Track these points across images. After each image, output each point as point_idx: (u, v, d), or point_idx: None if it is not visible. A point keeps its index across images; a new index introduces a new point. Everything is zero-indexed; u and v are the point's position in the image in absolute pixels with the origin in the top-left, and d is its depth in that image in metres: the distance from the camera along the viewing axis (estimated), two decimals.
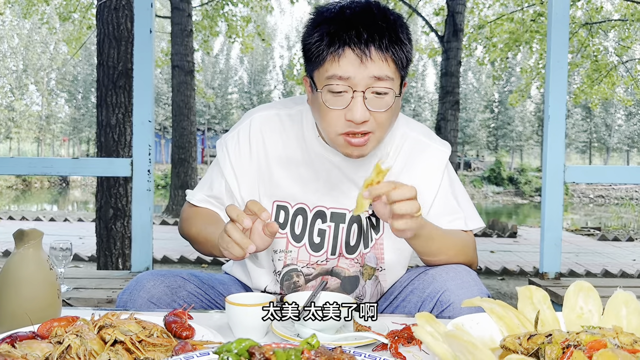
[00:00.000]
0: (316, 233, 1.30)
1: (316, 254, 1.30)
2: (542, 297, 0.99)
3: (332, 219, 1.30)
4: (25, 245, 1.01)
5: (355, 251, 1.31)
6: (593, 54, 11.18)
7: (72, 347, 0.78)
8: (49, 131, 38.63)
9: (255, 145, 1.32)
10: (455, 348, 0.65)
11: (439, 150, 1.35)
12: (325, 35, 1.12)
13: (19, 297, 0.98)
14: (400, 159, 1.33)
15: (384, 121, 1.17)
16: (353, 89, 1.12)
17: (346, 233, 1.30)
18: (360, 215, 1.30)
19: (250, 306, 0.99)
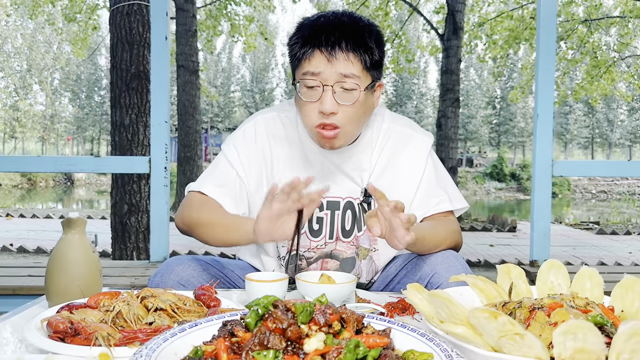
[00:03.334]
0: (315, 221, 1.46)
1: (316, 239, 1.46)
2: (519, 273, 1.14)
3: (328, 207, 1.46)
4: (72, 231, 1.17)
5: (351, 234, 1.47)
6: (593, 50, 11.30)
7: (122, 312, 0.95)
8: (53, 130, 38.85)
9: (260, 143, 1.48)
10: (436, 305, 0.81)
11: (421, 140, 1.50)
12: (301, 39, 1.32)
13: (67, 275, 1.14)
14: (385, 152, 1.48)
15: (352, 115, 1.33)
16: (323, 84, 1.30)
17: (341, 219, 1.46)
18: (352, 202, 1.46)
19: (268, 282, 1.15)
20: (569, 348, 0.71)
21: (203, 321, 0.85)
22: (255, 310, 0.74)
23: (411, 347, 0.76)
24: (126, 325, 0.92)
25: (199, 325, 0.84)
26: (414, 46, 13.38)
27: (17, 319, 1.09)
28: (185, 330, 0.81)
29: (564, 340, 0.71)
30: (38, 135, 38.25)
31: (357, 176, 1.47)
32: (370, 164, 1.48)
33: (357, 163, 1.46)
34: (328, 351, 0.67)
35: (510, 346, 0.73)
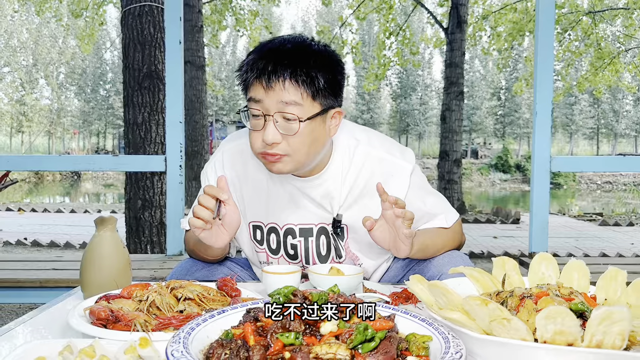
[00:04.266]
0: (289, 247, 1.50)
1: (294, 261, 1.51)
2: (512, 265, 1.25)
3: (301, 234, 1.47)
4: (104, 228, 1.29)
5: (327, 260, 1.50)
6: (597, 42, 11.32)
7: (156, 301, 1.06)
8: (59, 124, 39.07)
9: (229, 174, 1.50)
10: (435, 294, 0.92)
11: (400, 165, 1.45)
12: (245, 65, 1.31)
13: (101, 269, 1.26)
14: (360, 180, 1.44)
15: (297, 145, 1.30)
16: (265, 114, 1.28)
17: (315, 245, 1.49)
18: (326, 228, 1.48)
19: (283, 274, 1.26)
20: (549, 330, 0.82)
21: (229, 309, 0.96)
22: (278, 298, 0.85)
23: (413, 330, 0.87)
24: (159, 313, 1.03)
25: (226, 312, 0.95)
26: (418, 39, 13.43)
27: (57, 309, 1.20)
28: (214, 316, 0.92)
29: (545, 324, 0.81)
30: (45, 129, 38.49)
31: (327, 204, 1.46)
32: (340, 194, 1.45)
33: (325, 192, 1.45)
34: (341, 333, 0.78)
35: (499, 329, 0.84)
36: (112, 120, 40.22)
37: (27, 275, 2.26)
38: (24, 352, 0.84)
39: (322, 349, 0.73)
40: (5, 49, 33.69)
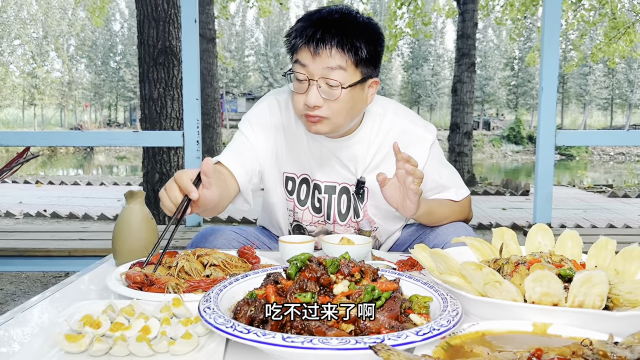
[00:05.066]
0: (316, 201, 1.62)
1: (317, 215, 1.63)
2: (511, 235, 1.34)
3: (326, 190, 1.61)
4: (134, 201, 1.39)
5: (346, 218, 1.62)
6: (611, 12, 11.13)
7: (185, 267, 1.17)
8: (71, 97, 39.24)
9: (271, 124, 1.61)
10: (435, 260, 1.03)
11: (422, 136, 1.57)
12: (294, 32, 1.40)
13: (131, 239, 1.37)
14: (384, 147, 1.56)
15: (337, 110, 1.40)
16: (309, 78, 1.38)
17: (337, 202, 1.61)
18: (348, 188, 1.60)
19: (298, 243, 1.37)
20: (537, 292, 0.92)
21: (251, 274, 1.07)
22: (295, 264, 0.95)
23: (415, 292, 0.98)
24: (188, 277, 1.14)
25: (249, 276, 1.06)
26: (429, 8, 13.26)
27: (93, 275, 1.33)
28: (238, 280, 1.03)
29: (533, 286, 0.91)
30: (56, 102, 38.71)
31: (352, 166, 1.57)
32: (366, 158, 1.56)
33: (352, 155, 1.56)
34: (351, 294, 0.88)
35: (492, 291, 0.94)
36: (123, 92, 40.32)
37: (56, 245, 2.40)
38: (73, 311, 0.96)
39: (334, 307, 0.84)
40: (15, 21, 33.68)
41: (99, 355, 0.82)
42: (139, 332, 0.88)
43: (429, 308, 0.92)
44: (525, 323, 0.88)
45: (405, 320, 0.87)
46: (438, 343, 0.80)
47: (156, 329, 0.90)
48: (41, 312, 1.05)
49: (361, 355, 0.75)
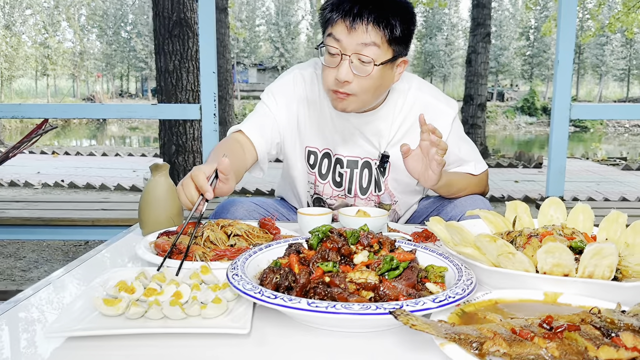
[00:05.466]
0: (337, 175, 1.66)
1: (337, 189, 1.67)
2: (524, 208, 1.38)
3: (348, 165, 1.64)
4: (159, 174, 1.45)
5: (367, 192, 1.66)
6: None
7: (210, 236, 1.23)
8: (83, 67, 39.27)
9: (295, 97, 1.64)
10: (451, 232, 1.07)
11: (444, 111, 1.60)
12: (330, 5, 1.41)
13: (157, 210, 1.43)
14: (407, 121, 1.59)
15: (366, 87, 1.42)
16: (342, 53, 1.39)
17: (359, 177, 1.64)
18: (370, 162, 1.63)
19: (316, 215, 1.42)
20: (548, 263, 0.96)
21: (274, 244, 1.12)
22: (317, 235, 1.00)
23: (431, 262, 1.02)
24: (213, 246, 1.20)
25: (271, 246, 1.11)
26: None
27: (121, 243, 1.39)
28: (262, 249, 1.09)
29: (545, 258, 0.96)
30: (69, 72, 38.78)
31: (375, 141, 1.60)
32: (390, 132, 1.59)
33: (376, 129, 1.59)
34: (370, 263, 0.93)
35: (505, 262, 0.99)
36: (134, 63, 40.24)
37: (79, 215, 2.48)
38: (108, 277, 1.02)
39: (355, 275, 0.89)
40: None
41: (135, 318, 0.87)
42: (171, 297, 0.94)
43: (444, 277, 0.97)
44: (537, 292, 0.93)
45: (421, 288, 0.92)
46: (453, 310, 0.85)
47: (187, 294, 0.95)
48: (76, 278, 1.12)
49: (381, 320, 0.80)
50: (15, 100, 29.53)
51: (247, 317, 0.85)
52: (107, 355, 0.76)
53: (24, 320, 0.90)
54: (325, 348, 0.79)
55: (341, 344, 0.80)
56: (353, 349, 0.79)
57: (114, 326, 0.83)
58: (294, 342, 0.81)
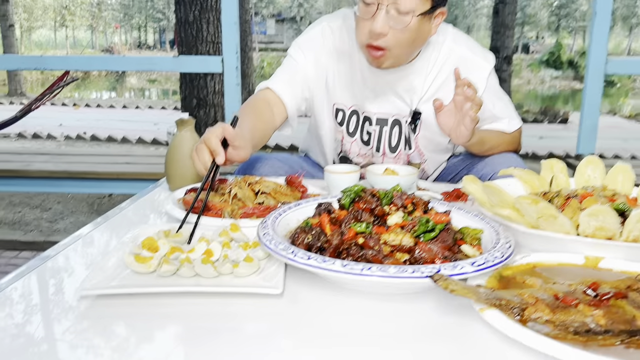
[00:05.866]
0: (365, 133, 1.61)
1: (365, 147, 1.63)
2: (560, 167, 1.33)
3: (377, 123, 1.59)
4: (184, 129, 1.42)
5: (396, 151, 1.61)
6: None
7: (238, 194, 1.21)
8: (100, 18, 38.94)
9: (324, 50, 1.58)
10: (488, 193, 1.03)
11: (480, 65, 1.53)
12: None
13: (184, 165, 1.41)
14: (442, 75, 1.52)
15: (402, 40, 1.37)
16: (378, 2, 1.32)
17: (388, 135, 1.59)
18: (400, 120, 1.58)
19: (344, 173, 1.38)
20: (591, 226, 0.92)
21: (303, 202, 1.10)
22: (349, 195, 0.97)
23: (466, 224, 0.99)
24: (241, 204, 1.18)
25: (301, 205, 1.09)
26: None
27: (149, 199, 1.38)
28: (291, 208, 1.06)
29: (588, 221, 0.92)
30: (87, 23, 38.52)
31: (407, 97, 1.54)
32: (423, 88, 1.52)
33: (409, 85, 1.53)
34: (405, 225, 0.91)
35: (546, 225, 0.95)
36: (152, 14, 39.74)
37: (104, 168, 2.49)
38: (137, 233, 1.02)
39: (389, 237, 0.86)
40: None
41: (167, 276, 0.87)
42: (202, 255, 0.93)
43: (481, 240, 0.94)
44: (577, 256, 0.90)
45: (457, 251, 0.89)
46: (491, 274, 0.83)
47: (218, 252, 0.94)
48: (106, 234, 1.11)
49: (418, 284, 0.78)
50: (35, 52, 29.53)
51: (279, 277, 0.84)
52: (139, 313, 0.76)
53: (54, 277, 0.90)
54: (358, 310, 0.78)
55: (374, 307, 0.79)
56: (387, 311, 0.78)
57: (147, 284, 0.83)
58: (326, 302, 0.80)
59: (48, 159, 2.76)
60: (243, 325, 0.74)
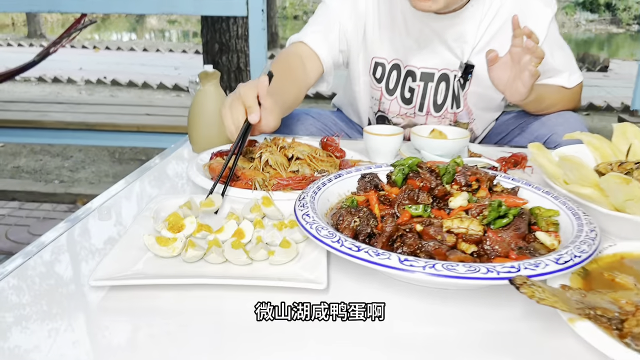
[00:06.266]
0: (407, 89, 1.45)
1: (406, 106, 1.46)
2: (634, 132, 1.16)
3: (422, 78, 1.42)
4: (208, 83, 1.28)
5: (442, 109, 1.45)
6: None
7: (269, 160, 1.08)
8: None
9: (362, 2, 1.40)
10: (565, 167, 0.88)
11: (541, 11, 1.37)
12: None
13: (208, 124, 1.28)
14: (497, 22, 1.35)
15: None
16: None
17: (434, 92, 1.43)
18: (448, 75, 1.41)
19: (386, 135, 1.24)
20: None
21: (344, 173, 0.96)
22: (401, 169, 0.83)
23: (537, 204, 0.85)
24: (273, 172, 1.05)
25: (341, 176, 0.95)
26: None
27: (172, 162, 1.26)
28: (332, 180, 0.93)
29: None
30: None
31: (457, 47, 1.37)
32: (475, 37, 1.36)
33: (459, 33, 1.36)
34: (470, 208, 0.77)
35: (634, 208, 0.81)
36: None
37: (124, 120, 2.37)
38: (157, 208, 0.90)
39: (453, 224, 0.73)
40: None
41: (193, 262, 0.76)
42: (232, 236, 0.81)
43: (559, 225, 0.79)
44: None
45: (531, 239, 0.75)
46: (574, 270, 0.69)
47: (250, 232, 0.83)
48: (123, 203, 1.00)
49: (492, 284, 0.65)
50: None
51: (322, 268, 0.72)
52: (159, 308, 0.65)
53: (68, 251, 0.80)
54: (416, 308, 0.67)
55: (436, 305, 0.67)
56: (450, 312, 0.66)
57: (169, 273, 0.72)
58: (378, 298, 0.68)
59: (65, 109, 2.64)
60: (280, 323, 0.63)
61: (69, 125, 2.38)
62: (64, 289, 0.70)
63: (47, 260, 0.78)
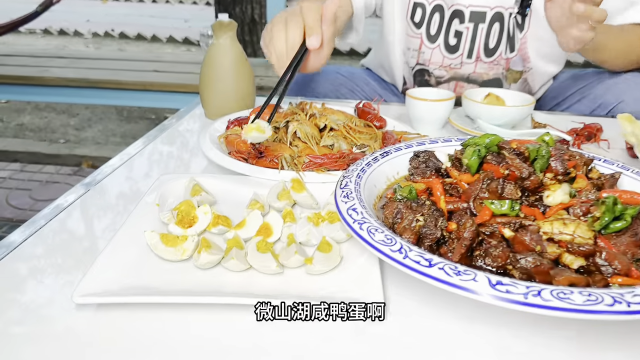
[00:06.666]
0: (452, 34, 1.24)
1: (451, 56, 1.26)
2: None
3: (471, 18, 1.21)
4: (224, 35, 1.08)
5: (495, 53, 1.24)
6: None
7: (297, 132, 0.89)
8: None
9: None
10: None
11: None
12: None
13: (223, 86, 1.08)
14: None
15: None
16: None
17: (485, 34, 1.22)
18: (502, 14, 1.20)
19: (432, 101, 1.04)
20: None
21: (392, 150, 0.78)
22: (477, 151, 0.64)
23: None
24: (303, 146, 0.87)
25: (388, 154, 0.77)
26: None
27: (182, 129, 1.08)
28: (378, 160, 0.75)
29: None
30: None
31: None
32: None
33: None
34: (572, 205, 0.58)
35: None
36: None
37: (129, 77, 2.18)
38: (161, 193, 0.73)
39: (553, 227, 0.55)
40: None
41: (207, 269, 0.59)
42: (257, 234, 0.64)
43: None
44: None
45: None
46: None
47: (279, 227, 0.66)
48: (122, 181, 0.83)
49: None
50: None
51: (375, 279, 0.55)
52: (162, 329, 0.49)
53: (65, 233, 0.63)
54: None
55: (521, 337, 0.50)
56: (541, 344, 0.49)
57: (178, 289, 0.55)
58: (445, 322, 0.51)
59: (67, 64, 2.44)
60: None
61: (70, 82, 2.18)
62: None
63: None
